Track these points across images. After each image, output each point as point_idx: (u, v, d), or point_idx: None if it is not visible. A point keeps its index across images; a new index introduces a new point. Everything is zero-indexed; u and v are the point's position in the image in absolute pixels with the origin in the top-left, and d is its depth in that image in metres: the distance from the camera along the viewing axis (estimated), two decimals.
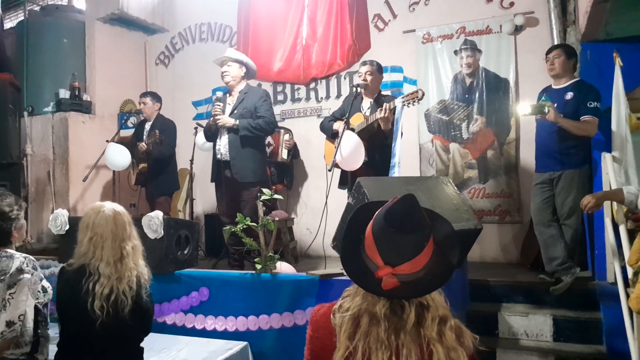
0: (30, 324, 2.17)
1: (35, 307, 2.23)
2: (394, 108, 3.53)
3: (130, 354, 2.18)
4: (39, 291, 2.25)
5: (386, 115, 3.51)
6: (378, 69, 3.95)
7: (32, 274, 2.21)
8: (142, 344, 2.25)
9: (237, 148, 4.11)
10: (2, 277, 2.13)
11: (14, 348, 2.12)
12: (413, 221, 1.10)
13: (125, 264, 2.08)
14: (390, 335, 1.11)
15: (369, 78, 3.88)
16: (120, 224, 2.13)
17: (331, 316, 1.20)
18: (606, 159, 3.32)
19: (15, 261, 2.19)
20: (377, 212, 1.15)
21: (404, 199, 1.12)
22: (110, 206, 2.17)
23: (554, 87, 3.67)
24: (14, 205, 2.31)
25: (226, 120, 4.12)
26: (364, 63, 3.97)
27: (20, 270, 2.17)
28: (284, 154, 5.18)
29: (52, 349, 2.42)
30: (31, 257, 2.29)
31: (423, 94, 3.47)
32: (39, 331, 2.28)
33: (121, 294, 2.03)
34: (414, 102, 3.47)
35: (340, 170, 3.85)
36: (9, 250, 2.25)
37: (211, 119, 4.26)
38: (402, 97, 3.55)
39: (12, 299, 2.12)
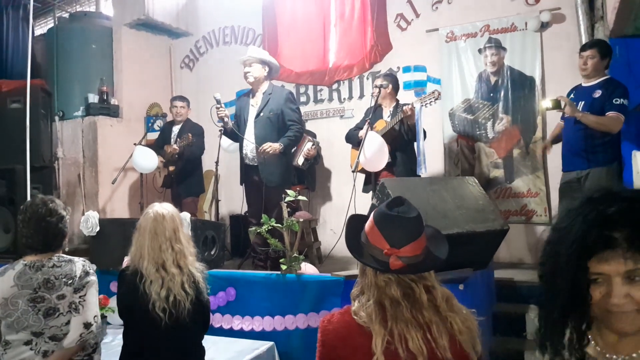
0: (101, 324, 2.19)
1: None
2: (414, 108, 3.76)
3: (194, 353, 2.21)
4: None
5: (408, 114, 3.75)
6: (392, 81, 4.18)
7: (95, 276, 2.21)
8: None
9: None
10: (69, 282, 2.10)
11: (80, 350, 2.09)
12: (407, 203, 1.37)
13: (170, 266, 2.08)
14: (416, 314, 1.27)
15: (382, 93, 4.10)
16: (161, 225, 2.13)
17: (354, 317, 1.30)
18: (636, 157, 3.25)
19: (78, 264, 2.16)
20: (374, 211, 1.38)
21: (394, 197, 1.41)
22: (156, 208, 2.19)
23: (583, 85, 3.60)
24: (66, 209, 2.31)
25: (275, 147, 4.01)
26: (377, 77, 4.26)
27: (86, 273, 2.16)
28: (299, 161, 5.20)
29: None
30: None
31: (439, 94, 3.79)
32: None
33: (179, 295, 2.05)
34: (431, 102, 3.75)
35: (364, 175, 3.92)
36: (64, 255, 2.22)
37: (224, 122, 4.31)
38: (420, 98, 3.77)
39: (83, 301, 2.09)
